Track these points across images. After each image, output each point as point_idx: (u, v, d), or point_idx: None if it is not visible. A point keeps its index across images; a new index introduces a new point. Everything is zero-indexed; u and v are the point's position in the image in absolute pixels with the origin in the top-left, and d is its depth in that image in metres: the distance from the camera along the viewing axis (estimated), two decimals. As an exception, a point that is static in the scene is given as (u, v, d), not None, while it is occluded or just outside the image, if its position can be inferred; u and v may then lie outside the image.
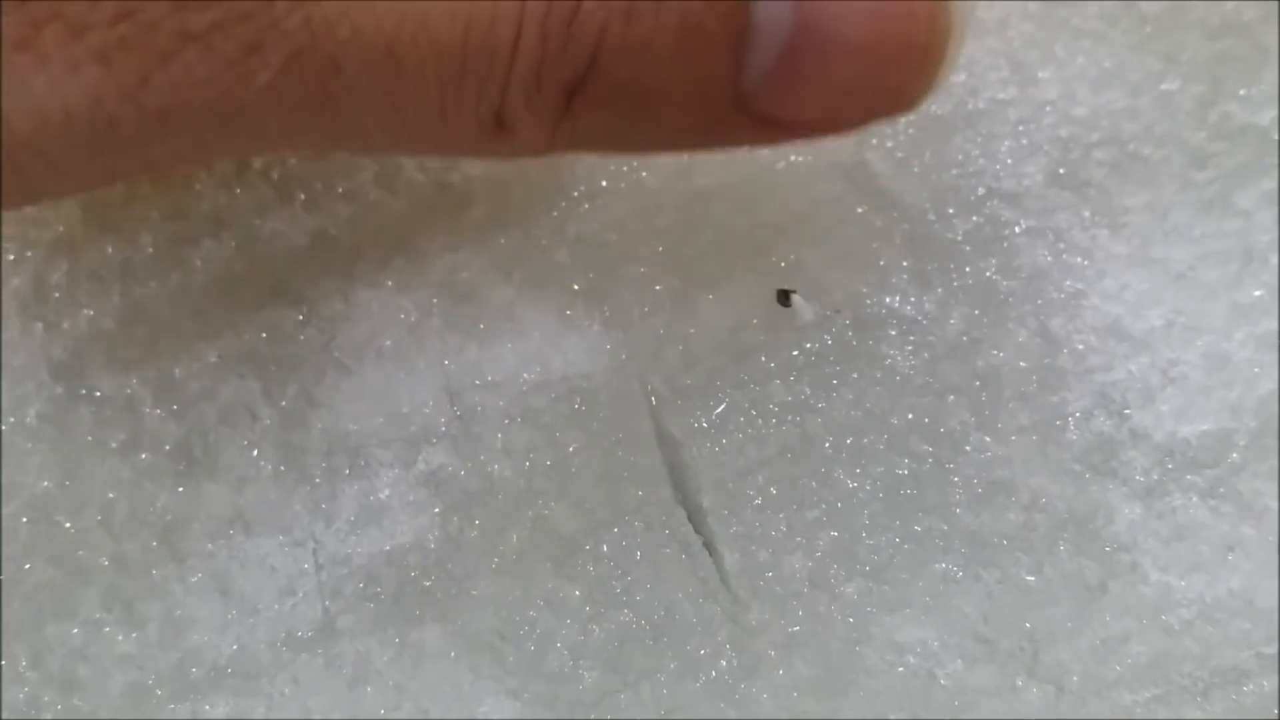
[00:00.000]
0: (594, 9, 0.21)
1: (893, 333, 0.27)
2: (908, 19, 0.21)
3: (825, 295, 0.28)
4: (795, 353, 0.27)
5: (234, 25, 0.20)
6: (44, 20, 0.19)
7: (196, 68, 0.20)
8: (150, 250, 0.28)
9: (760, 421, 0.27)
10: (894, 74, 0.22)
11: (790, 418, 0.27)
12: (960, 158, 0.28)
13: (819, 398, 0.27)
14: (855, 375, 0.27)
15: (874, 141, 0.28)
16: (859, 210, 0.28)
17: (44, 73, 0.19)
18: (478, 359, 0.28)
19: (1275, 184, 0.28)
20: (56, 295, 0.28)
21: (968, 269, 0.28)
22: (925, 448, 0.27)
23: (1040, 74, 0.28)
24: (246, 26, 0.20)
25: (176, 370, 0.28)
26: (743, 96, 0.22)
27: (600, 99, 0.22)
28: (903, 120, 0.28)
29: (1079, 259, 0.28)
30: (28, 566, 0.27)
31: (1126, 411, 0.27)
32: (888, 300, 0.28)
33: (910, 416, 0.27)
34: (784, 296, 0.28)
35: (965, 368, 0.27)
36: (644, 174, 0.28)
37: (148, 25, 0.19)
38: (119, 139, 0.20)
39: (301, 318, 0.28)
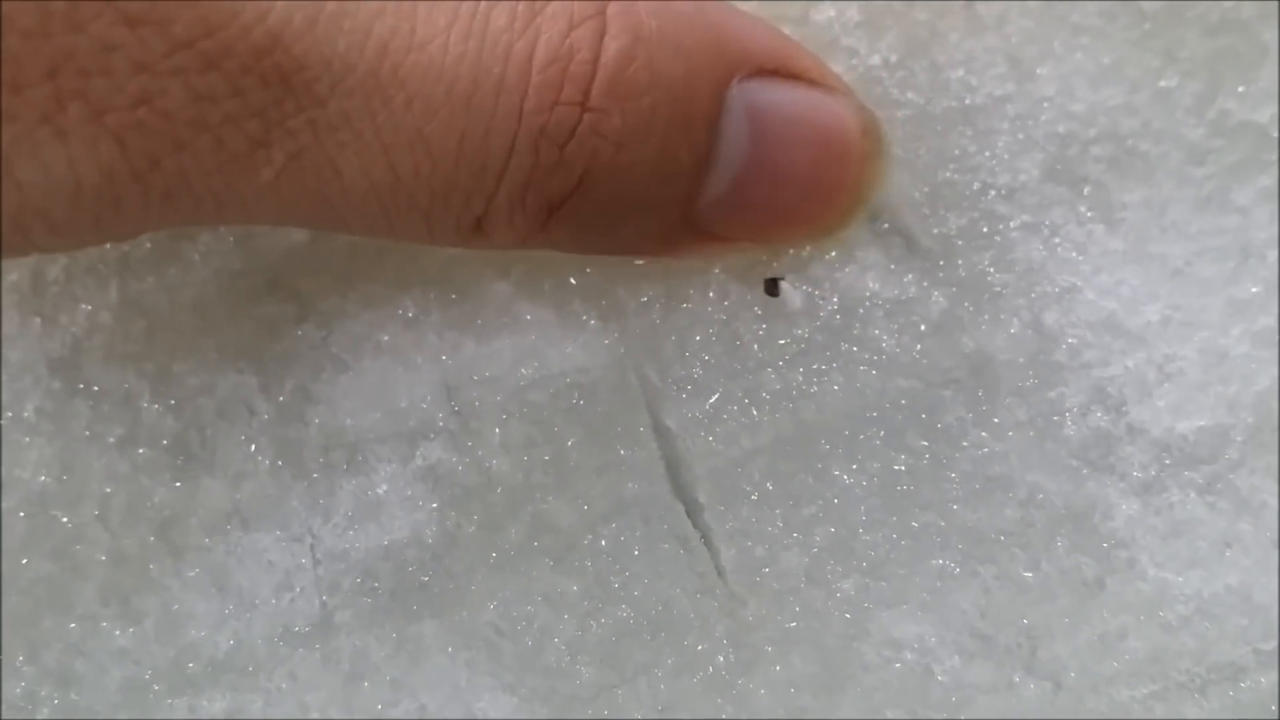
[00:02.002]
0: (588, 135, 0.22)
1: (886, 323, 0.27)
2: (844, 159, 0.25)
3: (818, 287, 0.28)
4: (787, 341, 0.27)
5: (245, 120, 0.21)
6: (69, 97, 0.20)
7: (205, 157, 0.21)
8: (148, 245, 0.28)
9: (754, 410, 0.27)
10: (826, 205, 0.25)
11: (784, 406, 0.27)
12: (957, 153, 0.28)
13: (812, 386, 0.27)
14: (848, 364, 0.27)
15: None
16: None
17: (63, 147, 0.20)
18: (475, 354, 0.28)
19: (1273, 181, 0.28)
20: (54, 290, 0.28)
21: (962, 263, 0.28)
22: (922, 443, 0.27)
23: (1038, 70, 0.28)
24: (256, 123, 0.21)
25: (174, 365, 0.28)
26: (693, 216, 0.24)
27: (576, 215, 0.23)
28: (900, 115, 0.28)
29: (1074, 254, 0.28)
30: (25, 561, 0.27)
31: (1124, 407, 0.27)
32: (881, 290, 0.28)
33: (907, 410, 0.27)
34: (772, 285, 0.28)
35: (961, 362, 0.27)
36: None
37: (165, 112, 0.20)
38: (122, 212, 0.21)
39: (299, 313, 0.28)
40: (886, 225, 0.28)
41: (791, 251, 0.28)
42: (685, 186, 0.24)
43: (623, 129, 0.22)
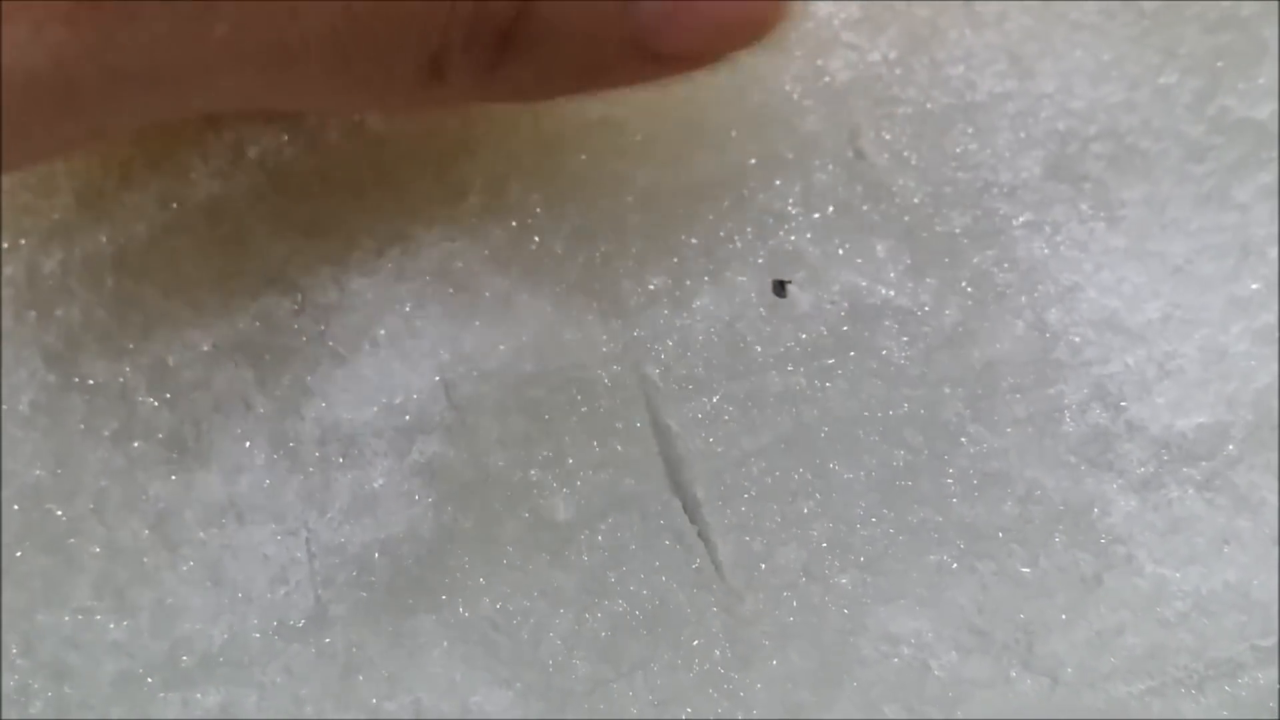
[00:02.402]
0: None
1: (888, 323, 0.27)
2: None
3: (821, 286, 0.28)
4: (790, 343, 0.27)
5: None
6: None
7: (157, 24, 0.20)
8: (144, 238, 0.28)
9: (755, 412, 0.27)
10: (751, 6, 0.24)
11: (785, 408, 0.27)
12: (958, 150, 0.28)
13: (814, 388, 0.27)
14: (850, 366, 0.27)
15: (871, 134, 0.28)
16: (855, 202, 0.28)
17: (10, 34, 0.19)
18: (473, 349, 0.27)
19: (1273, 177, 0.28)
20: (50, 283, 0.28)
21: (964, 261, 0.28)
22: (920, 439, 0.27)
23: (1038, 67, 0.28)
24: None
25: (170, 359, 0.27)
26: (633, 31, 0.23)
27: (528, 43, 0.23)
28: (900, 112, 0.28)
29: (1076, 252, 0.28)
30: (19, 554, 0.27)
31: (1123, 404, 0.27)
32: (883, 291, 0.28)
33: (906, 408, 0.27)
34: (779, 287, 0.27)
35: (961, 359, 0.27)
36: (640, 166, 0.28)
37: None
38: (80, 100, 0.21)
39: (296, 307, 0.28)
40: (892, 225, 0.28)
41: (794, 250, 0.28)
42: (617, 3, 0.23)
43: None
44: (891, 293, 0.28)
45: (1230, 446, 0.27)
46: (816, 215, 0.28)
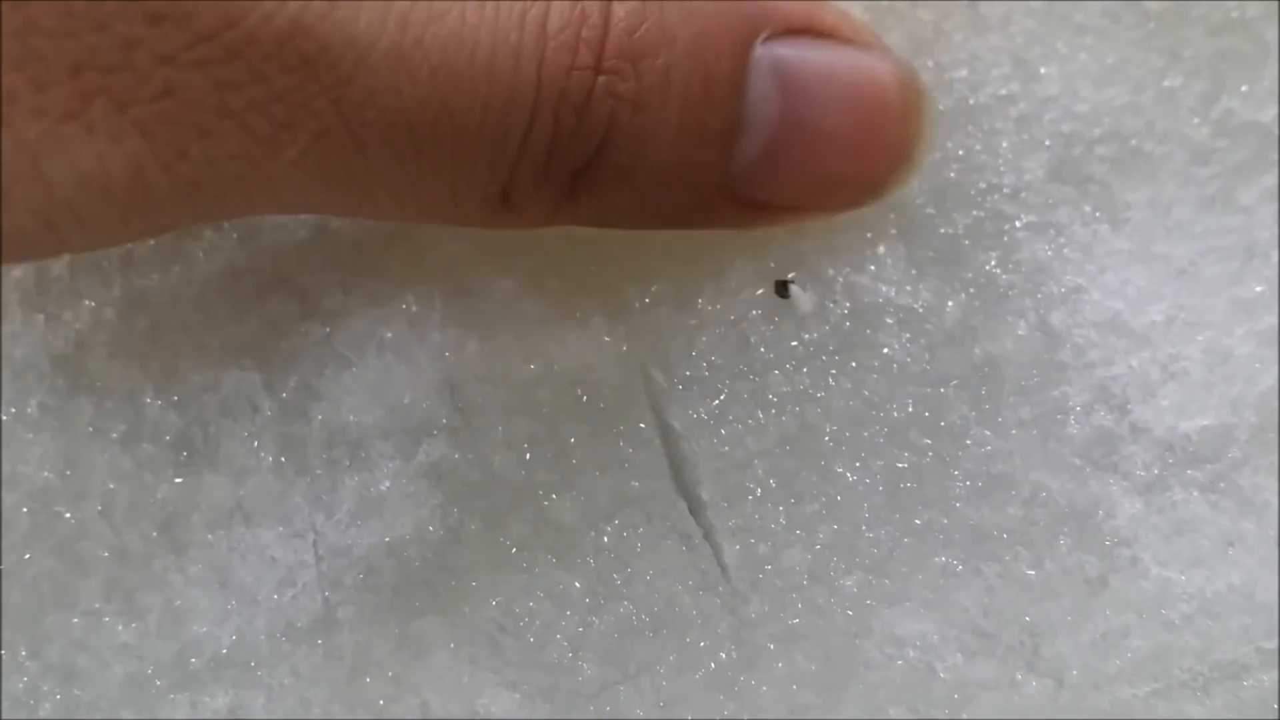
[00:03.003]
0: (605, 97, 0.22)
1: (891, 324, 0.27)
2: (884, 116, 0.24)
3: (824, 287, 0.28)
4: (794, 344, 0.27)
5: (268, 104, 0.21)
6: (93, 93, 0.20)
7: (230, 142, 0.21)
8: (152, 242, 0.28)
9: (760, 412, 0.27)
10: (870, 165, 0.24)
11: (790, 408, 0.27)
12: (961, 153, 0.28)
13: (818, 388, 0.27)
14: (854, 366, 0.27)
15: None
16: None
17: (90, 142, 0.20)
18: (479, 351, 0.28)
19: (1277, 180, 0.28)
20: (58, 286, 0.28)
21: (968, 263, 0.28)
22: (925, 441, 0.27)
23: (1042, 70, 0.28)
24: (279, 106, 0.21)
25: (178, 362, 0.28)
26: (729, 182, 0.24)
27: (602, 182, 0.23)
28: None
29: (1080, 254, 0.28)
30: (28, 557, 0.27)
31: (1127, 406, 0.27)
32: (886, 291, 0.28)
33: (910, 408, 0.27)
34: (782, 287, 0.28)
35: (965, 361, 0.27)
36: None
37: (188, 103, 0.20)
38: (151, 205, 0.21)
39: (302, 310, 0.28)
40: (894, 226, 0.28)
41: (796, 247, 0.28)
42: (715, 150, 0.23)
43: (639, 90, 0.22)
44: (894, 293, 0.28)
45: (1235, 449, 0.27)
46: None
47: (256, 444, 0.27)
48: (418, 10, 0.21)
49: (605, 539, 0.27)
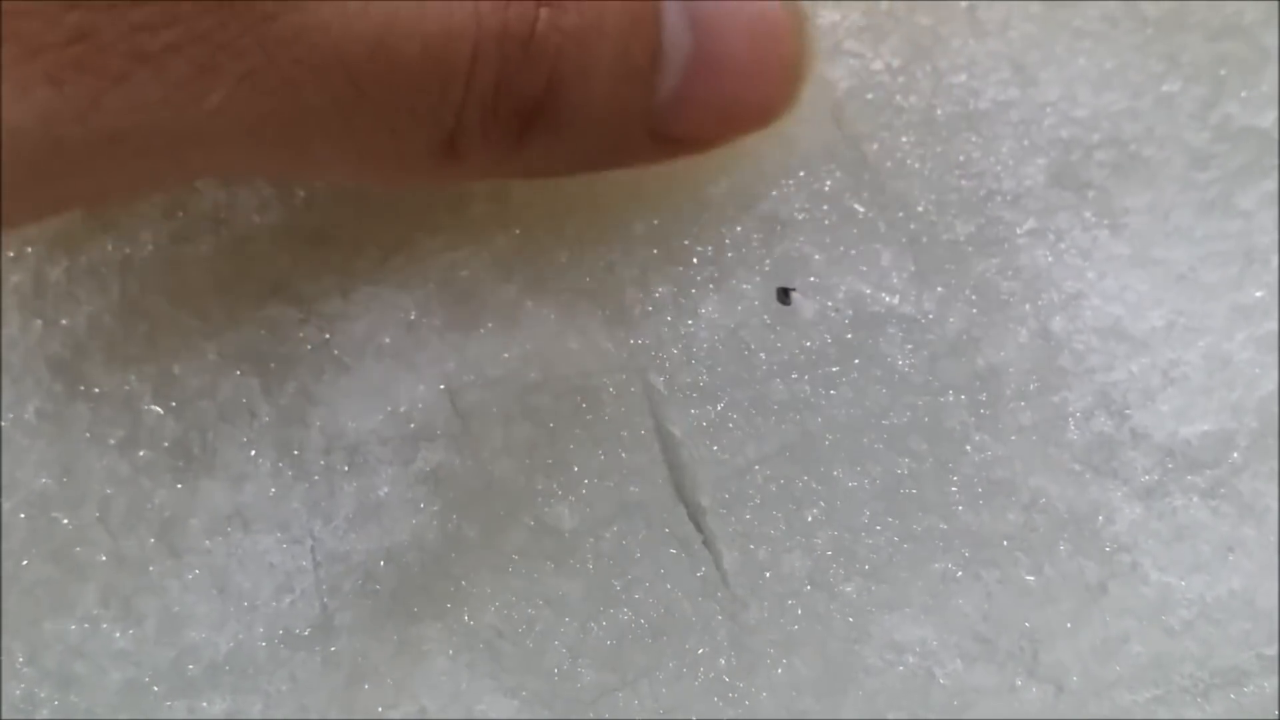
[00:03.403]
0: (550, 31, 0.22)
1: (893, 331, 0.27)
2: (778, 40, 0.24)
3: (826, 294, 0.28)
4: (795, 351, 0.27)
5: (188, 46, 0.20)
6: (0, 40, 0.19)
7: (148, 89, 0.20)
8: (150, 247, 0.28)
9: (760, 420, 0.27)
10: (767, 90, 0.25)
11: (790, 416, 0.27)
12: (961, 158, 0.28)
13: (819, 396, 0.27)
14: (855, 374, 0.27)
15: (875, 142, 0.28)
16: (860, 210, 0.28)
17: None
18: (477, 357, 0.28)
19: (1275, 185, 0.28)
20: (56, 292, 0.28)
21: (968, 269, 0.28)
22: (925, 447, 0.27)
23: (1041, 75, 0.28)
24: (200, 48, 0.20)
25: (175, 367, 0.27)
26: (650, 116, 0.24)
27: (550, 125, 0.23)
28: (904, 120, 0.28)
29: (1080, 259, 0.28)
30: (25, 563, 0.27)
31: (1127, 412, 0.27)
32: (887, 299, 0.28)
33: (910, 415, 0.27)
34: (783, 294, 0.28)
35: (965, 367, 0.27)
36: (644, 173, 0.28)
37: (101, 46, 0.19)
38: (67, 161, 0.20)
39: (301, 315, 0.28)
40: (896, 233, 0.28)
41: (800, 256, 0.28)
42: (643, 87, 0.23)
43: (580, 25, 0.22)
44: (895, 300, 0.28)
45: (1234, 454, 0.27)
46: (820, 222, 0.28)
47: (254, 450, 0.27)
48: None
49: (604, 545, 0.27)
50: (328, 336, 0.28)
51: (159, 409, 0.27)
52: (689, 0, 0.23)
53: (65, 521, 0.27)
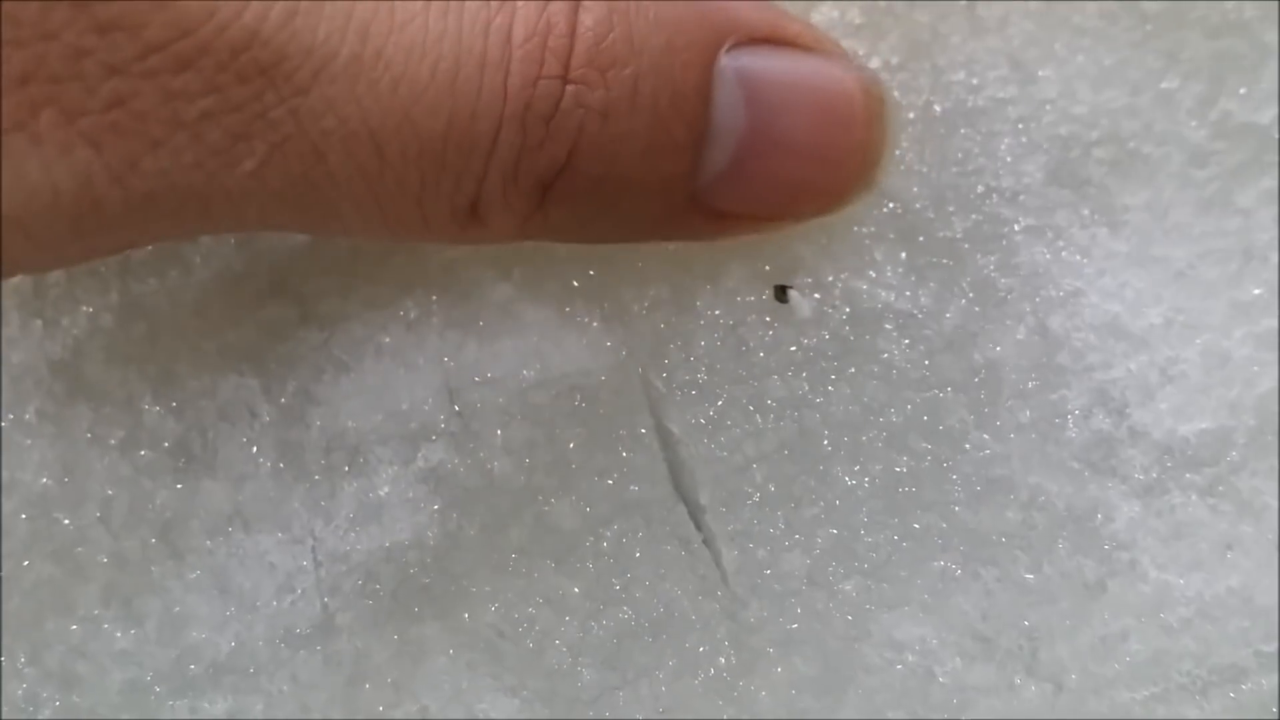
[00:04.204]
0: (573, 108, 0.22)
1: (890, 329, 0.27)
2: (848, 124, 0.24)
3: (823, 291, 0.28)
4: (793, 349, 0.27)
5: (223, 115, 0.20)
6: (41, 103, 0.20)
7: (184, 154, 0.21)
8: (150, 247, 0.28)
9: (758, 417, 0.27)
10: (835, 173, 0.24)
11: (788, 413, 0.27)
12: (960, 155, 0.28)
13: (817, 394, 0.27)
14: (853, 371, 0.27)
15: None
16: (857, 206, 0.28)
17: (37, 154, 0.20)
18: (477, 356, 0.28)
19: (1275, 182, 0.28)
20: (56, 292, 0.28)
21: (966, 266, 0.28)
22: (924, 445, 0.27)
23: (1040, 72, 0.28)
24: (235, 117, 0.20)
25: (176, 367, 0.28)
26: (697, 193, 0.24)
27: (571, 194, 0.23)
28: (903, 118, 0.28)
29: (1078, 257, 0.28)
30: (26, 563, 0.27)
31: (1126, 409, 0.27)
32: (885, 296, 0.28)
33: (908, 412, 0.27)
34: (781, 292, 0.28)
35: (964, 365, 0.27)
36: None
37: (140, 113, 0.20)
38: (103, 219, 0.21)
39: (301, 315, 0.28)
40: (894, 230, 0.28)
41: (798, 254, 0.28)
42: (684, 161, 0.23)
43: (607, 100, 0.22)
44: (893, 297, 0.28)
45: (1233, 452, 0.27)
46: (817, 220, 0.28)
47: (255, 450, 0.27)
48: (379, 21, 0.21)
49: (604, 544, 0.27)
50: (327, 336, 0.28)
51: (159, 409, 0.27)
52: (748, 69, 0.23)
53: (66, 522, 0.27)
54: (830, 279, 0.28)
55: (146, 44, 0.20)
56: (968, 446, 0.27)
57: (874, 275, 0.28)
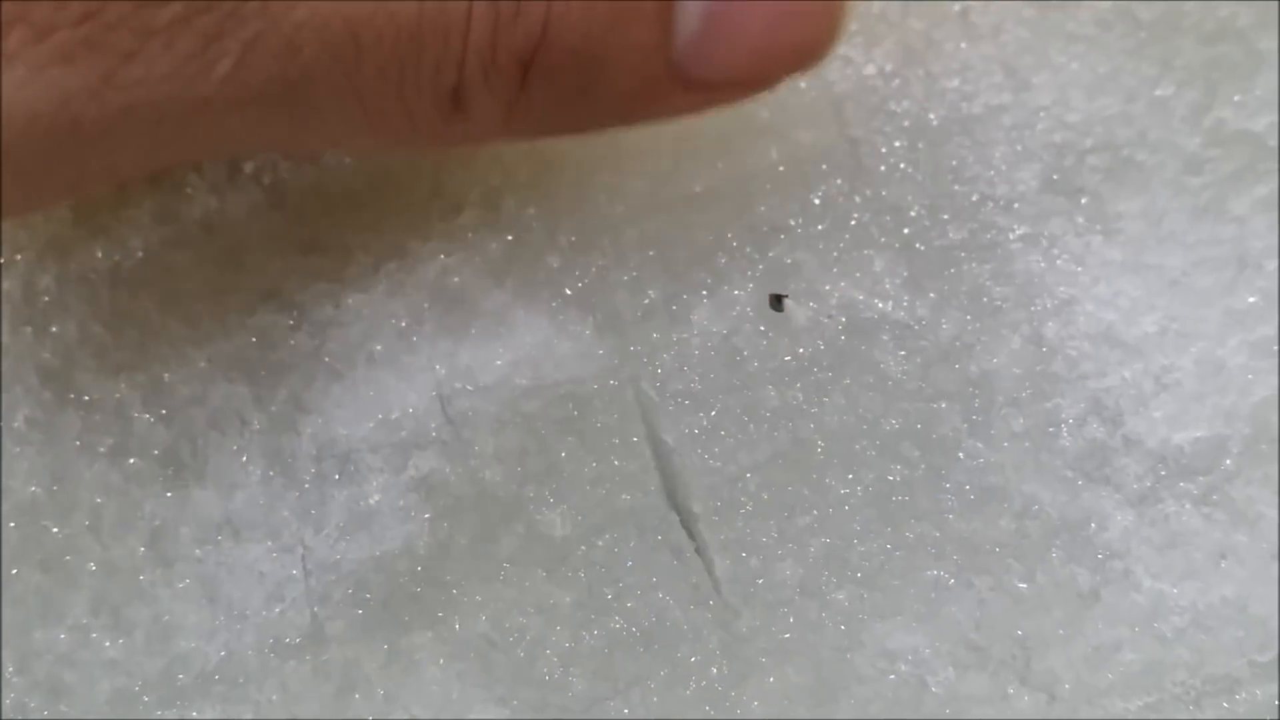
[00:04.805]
0: None
1: (885, 338, 0.27)
2: None
3: (818, 300, 0.27)
4: (788, 358, 0.27)
5: (195, 18, 0.20)
6: (10, 23, 0.19)
7: (158, 63, 0.20)
8: (140, 254, 0.28)
9: (752, 427, 0.27)
10: (800, 25, 0.23)
11: (782, 423, 0.27)
12: (955, 163, 0.28)
13: (811, 403, 0.27)
14: (847, 380, 0.27)
15: (868, 146, 0.28)
16: (853, 215, 0.28)
17: (10, 74, 0.20)
18: (469, 364, 0.27)
19: (1269, 190, 0.28)
20: (46, 299, 0.28)
21: (961, 275, 0.28)
22: (917, 454, 0.27)
23: (1034, 79, 0.28)
24: (206, 18, 0.20)
25: (166, 375, 0.27)
26: (673, 63, 0.23)
27: (550, 71, 0.22)
28: (897, 125, 0.28)
29: (1073, 265, 0.28)
30: (15, 571, 0.27)
31: (1120, 418, 0.27)
32: (880, 305, 0.27)
33: (902, 422, 0.27)
34: (776, 301, 0.27)
35: (958, 374, 0.27)
36: (636, 179, 0.28)
37: (111, 24, 0.20)
38: (83, 139, 0.21)
39: (292, 322, 0.28)
40: (889, 239, 0.28)
41: (794, 263, 0.28)
42: (655, 29, 0.23)
43: None
44: (888, 306, 0.28)
45: (1228, 460, 0.27)
46: (813, 228, 0.28)
47: (245, 458, 0.27)
48: None
49: (596, 553, 0.27)
50: (319, 344, 0.28)
51: (149, 417, 0.27)
52: None
53: (55, 530, 0.27)
54: (827, 288, 0.28)
55: None
56: (961, 455, 0.27)
57: (869, 284, 0.28)
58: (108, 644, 0.26)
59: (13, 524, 0.27)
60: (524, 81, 0.23)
